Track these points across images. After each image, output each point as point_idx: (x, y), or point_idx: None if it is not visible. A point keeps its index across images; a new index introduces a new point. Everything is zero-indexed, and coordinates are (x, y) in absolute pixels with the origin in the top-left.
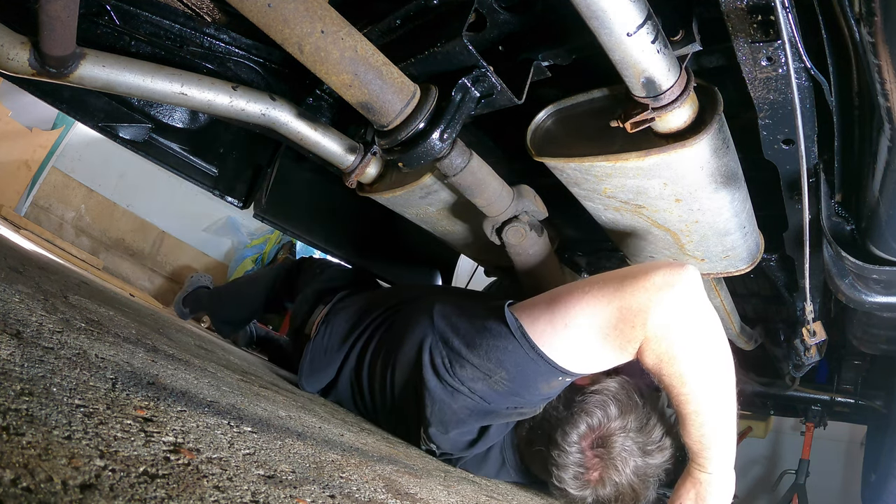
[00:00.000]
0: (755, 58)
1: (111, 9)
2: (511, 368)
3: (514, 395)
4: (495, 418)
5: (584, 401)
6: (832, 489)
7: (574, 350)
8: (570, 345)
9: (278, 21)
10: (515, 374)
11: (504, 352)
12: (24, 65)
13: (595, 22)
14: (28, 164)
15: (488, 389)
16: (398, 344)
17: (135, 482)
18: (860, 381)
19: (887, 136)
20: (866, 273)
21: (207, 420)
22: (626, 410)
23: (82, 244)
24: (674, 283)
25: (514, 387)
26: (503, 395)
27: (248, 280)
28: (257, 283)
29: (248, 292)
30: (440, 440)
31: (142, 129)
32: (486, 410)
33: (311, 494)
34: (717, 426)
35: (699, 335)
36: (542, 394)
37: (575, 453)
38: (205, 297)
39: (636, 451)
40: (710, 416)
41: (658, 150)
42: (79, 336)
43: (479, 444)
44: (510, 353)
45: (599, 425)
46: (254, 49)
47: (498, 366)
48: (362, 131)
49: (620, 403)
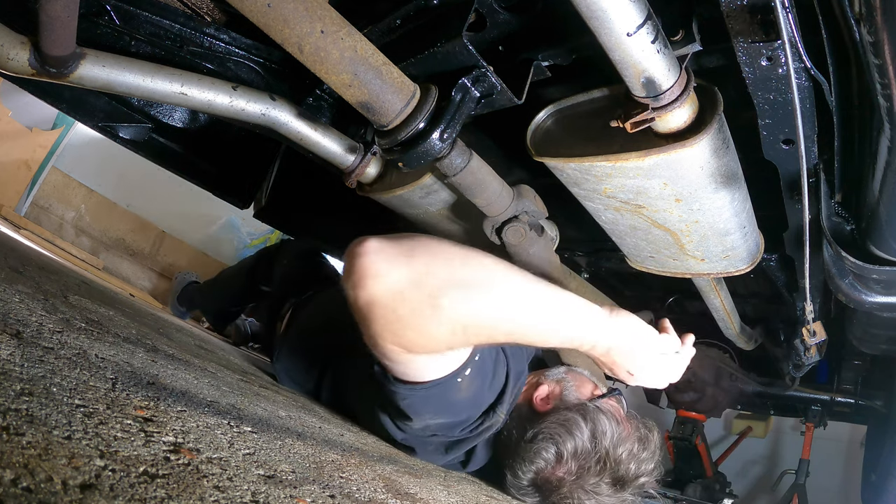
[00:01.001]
0: (755, 58)
1: (111, 9)
2: (425, 412)
3: (453, 425)
4: (469, 443)
5: (536, 437)
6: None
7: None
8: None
9: (278, 21)
10: (434, 410)
11: (407, 403)
12: (24, 65)
13: (595, 22)
14: (28, 164)
15: (432, 429)
16: (353, 400)
17: (135, 482)
18: (860, 381)
19: (887, 136)
20: (866, 273)
21: (207, 420)
22: (577, 449)
23: (82, 244)
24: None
25: (446, 418)
26: (450, 427)
27: (232, 271)
28: (240, 272)
29: (232, 283)
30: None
31: (142, 129)
32: (454, 440)
33: (311, 494)
34: (539, 324)
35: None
36: (471, 402)
37: (529, 491)
38: (196, 292)
39: (595, 491)
40: (528, 327)
41: (658, 150)
42: (79, 336)
43: (472, 464)
44: (411, 401)
45: (546, 468)
46: (254, 49)
47: (416, 415)
48: (362, 131)
49: (562, 440)
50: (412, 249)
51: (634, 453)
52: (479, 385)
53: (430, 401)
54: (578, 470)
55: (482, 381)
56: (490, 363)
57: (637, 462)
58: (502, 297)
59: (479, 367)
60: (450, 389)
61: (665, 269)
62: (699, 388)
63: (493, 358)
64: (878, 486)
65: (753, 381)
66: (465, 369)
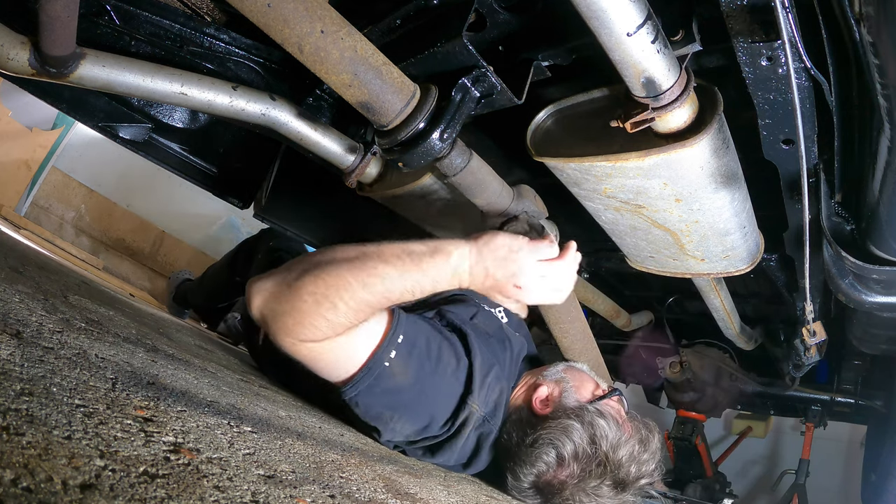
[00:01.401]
0: (755, 58)
1: (111, 9)
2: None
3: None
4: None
5: (536, 442)
6: (832, 489)
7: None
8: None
9: (278, 21)
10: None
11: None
12: (24, 65)
13: (595, 22)
14: (28, 164)
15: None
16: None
17: (135, 482)
18: (860, 381)
19: (887, 136)
20: (866, 273)
21: (207, 420)
22: (578, 452)
23: (82, 244)
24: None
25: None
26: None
27: (216, 266)
28: (222, 268)
29: (215, 279)
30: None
31: (142, 129)
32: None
33: (311, 494)
34: (395, 273)
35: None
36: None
37: (531, 493)
38: (188, 291)
39: (597, 494)
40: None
41: (658, 150)
42: (79, 336)
43: (473, 467)
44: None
45: (548, 471)
46: (254, 49)
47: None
48: (362, 131)
49: (572, 446)
50: (287, 265)
51: (635, 455)
52: (420, 368)
53: (373, 394)
54: (580, 473)
55: (421, 363)
56: (423, 344)
57: (638, 464)
58: (347, 261)
59: (406, 348)
60: (383, 376)
61: (665, 269)
62: (699, 388)
63: (425, 338)
64: (878, 486)
65: (753, 381)
66: (388, 351)
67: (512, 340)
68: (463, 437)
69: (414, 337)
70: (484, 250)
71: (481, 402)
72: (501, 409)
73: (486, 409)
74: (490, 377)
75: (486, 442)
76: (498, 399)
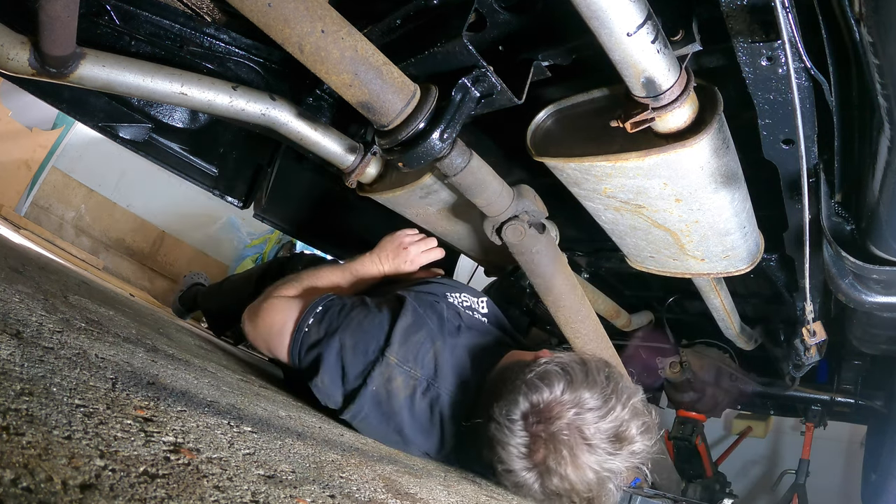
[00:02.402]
0: (755, 58)
1: (111, 9)
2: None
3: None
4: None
5: (530, 372)
6: (832, 489)
7: None
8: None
9: (278, 21)
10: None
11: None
12: (24, 65)
13: (595, 22)
14: (28, 164)
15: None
16: None
17: (135, 482)
18: (860, 381)
19: (887, 136)
20: (866, 273)
21: (207, 420)
22: (577, 385)
23: (82, 244)
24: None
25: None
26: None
27: (242, 276)
28: (250, 278)
29: (242, 288)
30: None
31: (142, 129)
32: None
33: (311, 494)
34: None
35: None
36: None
37: (518, 430)
38: (200, 294)
39: (590, 436)
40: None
41: (658, 150)
42: (79, 336)
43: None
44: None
45: (543, 400)
46: (254, 49)
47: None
48: (362, 131)
49: (571, 377)
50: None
51: (640, 415)
52: (329, 325)
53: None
54: (585, 401)
55: (330, 322)
56: (336, 310)
57: (638, 426)
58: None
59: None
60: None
61: (665, 269)
62: (699, 388)
63: (341, 306)
64: (878, 486)
65: (753, 381)
66: (307, 320)
67: (475, 326)
68: (372, 385)
69: (328, 305)
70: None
71: (403, 357)
72: (451, 374)
73: (425, 371)
74: (418, 336)
75: (440, 408)
76: (438, 361)
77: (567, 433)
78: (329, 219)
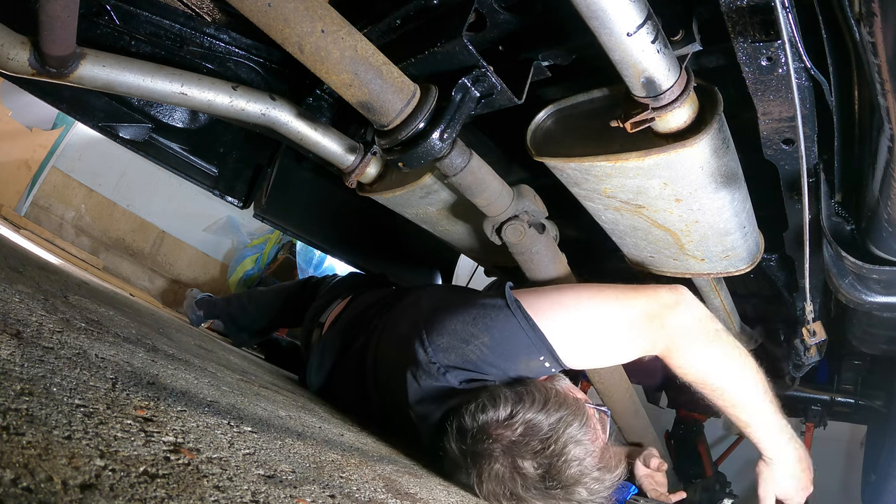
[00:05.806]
0: (755, 58)
1: (111, 9)
2: (496, 335)
3: (488, 363)
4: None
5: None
6: (832, 489)
7: (575, 336)
8: (571, 329)
9: (278, 21)
10: (500, 340)
11: (494, 319)
12: (24, 65)
13: (595, 22)
14: (28, 164)
15: (458, 359)
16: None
17: (135, 482)
18: (860, 381)
19: (887, 136)
20: (866, 273)
21: (207, 420)
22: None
23: (82, 244)
24: (681, 296)
25: (492, 355)
26: (472, 364)
27: (275, 290)
28: (281, 294)
29: (273, 304)
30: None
31: (142, 129)
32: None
33: (311, 494)
34: (754, 413)
35: (713, 334)
36: (518, 371)
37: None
38: (221, 302)
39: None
40: (744, 407)
41: (658, 150)
42: (79, 336)
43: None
44: (500, 320)
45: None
46: (254, 49)
47: (483, 331)
48: (362, 131)
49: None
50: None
51: (586, 463)
52: (533, 373)
53: (514, 336)
54: (520, 437)
55: (538, 373)
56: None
57: (583, 473)
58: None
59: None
60: (529, 350)
61: (665, 269)
62: None
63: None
64: (878, 486)
65: None
66: (551, 361)
67: None
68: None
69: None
70: (786, 466)
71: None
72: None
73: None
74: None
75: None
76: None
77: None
78: (329, 219)
